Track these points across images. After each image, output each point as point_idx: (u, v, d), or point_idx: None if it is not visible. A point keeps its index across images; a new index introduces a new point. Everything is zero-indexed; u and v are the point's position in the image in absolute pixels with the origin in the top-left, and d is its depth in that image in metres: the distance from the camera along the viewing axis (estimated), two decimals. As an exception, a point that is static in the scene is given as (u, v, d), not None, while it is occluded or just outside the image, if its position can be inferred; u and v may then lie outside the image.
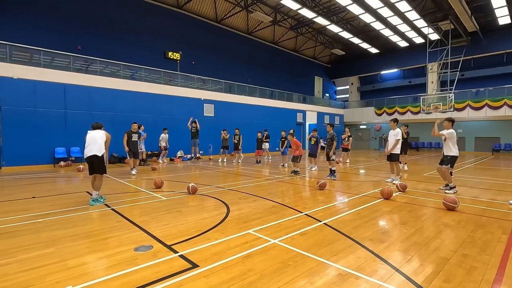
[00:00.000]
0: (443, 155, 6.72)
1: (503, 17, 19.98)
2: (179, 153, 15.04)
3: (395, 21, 20.58)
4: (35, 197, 5.95)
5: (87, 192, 6.32)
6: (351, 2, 17.70)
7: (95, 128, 5.72)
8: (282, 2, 18.18)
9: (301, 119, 23.84)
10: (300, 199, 6.02)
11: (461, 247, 3.35)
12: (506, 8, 18.45)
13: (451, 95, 21.56)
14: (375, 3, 17.77)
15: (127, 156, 9.76)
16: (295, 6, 18.65)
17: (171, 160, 14.44)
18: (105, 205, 5.29)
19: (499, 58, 23.10)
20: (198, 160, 13.81)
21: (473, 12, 19.35)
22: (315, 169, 10.63)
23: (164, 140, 13.07)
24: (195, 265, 2.82)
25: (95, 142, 5.43)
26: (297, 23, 23.91)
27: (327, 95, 33.71)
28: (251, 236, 3.68)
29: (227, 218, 4.49)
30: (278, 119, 20.94)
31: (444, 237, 3.68)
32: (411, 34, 23.25)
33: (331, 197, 6.17)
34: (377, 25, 21.56)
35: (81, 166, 10.40)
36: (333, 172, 8.74)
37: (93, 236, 3.70)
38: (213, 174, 9.98)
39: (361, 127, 29.39)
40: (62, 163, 11.40)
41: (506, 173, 10.64)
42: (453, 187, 6.62)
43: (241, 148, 13.65)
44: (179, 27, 19.62)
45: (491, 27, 22.10)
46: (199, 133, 14.10)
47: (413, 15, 19.53)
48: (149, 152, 13.74)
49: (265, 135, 14.14)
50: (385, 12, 19.03)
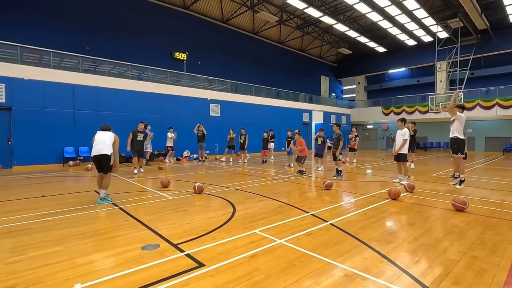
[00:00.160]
0: (450, 139, 6.70)
1: (515, 14, 19.60)
2: (186, 153, 15.13)
3: (403, 19, 20.32)
4: (45, 196, 6.06)
5: (95, 191, 6.40)
6: (358, 0, 17.54)
7: (104, 130, 5.81)
8: (288, 1, 18.13)
9: (307, 119, 23.74)
10: (306, 199, 5.99)
11: (471, 249, 3.28)
12: (517, 5, 18.09)
13: (460, 94, 21.19)
14: (382, 2, 17.57)
15: (132, 155, 9.88)
16: (301, 5, 18.57)
17: (178, 160, 14.54)
18: (113, 204, 5.35)
19: (510, 56, 22.60)
20: (204, 161, 13.89)
21: (483, 9, 18.99)
22: (321, 169, 10.58)
23: (171, 139, 13.21)
24: (201, 264, 2.84)
25: (103, 141, 5.50)
26: (303, 23, 23.81)
27: (334, 94, 33.51)
28: (257, 236, 3.68)
29: (233, 217, 4.50)
30: (284, 119, 20.89)
31: (453, 239, 3.62)
32: (419, 32, 22.93)
33: (337, 197, 6.12)
34: (385, 24, 21.31)
35: (89, 165, 10.56)
36: (339, 172, 8.68)
37: (101, 234, 3.75)
38: (219, 173, 10.01)
39: (368, 126, 29.12)
40: (71, 163, 11.59)
41: (517, 173, 10.41)
42: (463, 181, 6.52)
43: (247, 148, 13.68)
44: (185, 28, 19.75)
45: (502, 25, 21.65)
46: (205, 135, 14.10)
47: (421, 13, 19.27)
48: (156, 152, 13.86)
49: (270, 135, 14.14)
50: (393, 10, 18.80)
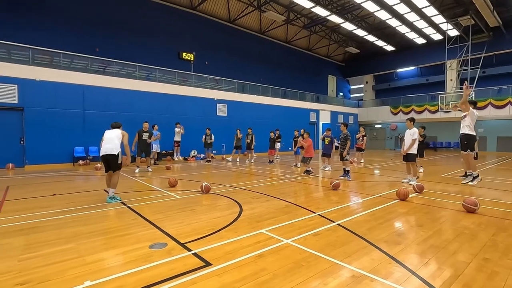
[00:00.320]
0: (460, 135, 6.58)
1: (528, 11, 19.11)
2: (193, 153, 15.23)
3: (412, 17, 20.00)
4: (56, 195, 6.19)
5: (104, 190, 6.50)
6: (366, -1, 17.38)
7: (114, 127, 5.90)
8: (295, 0, 18.06)
9: (315, 119, 23.62)
10: (313, 199, 5.97)
11: (482, 251, 3.22)
12: (531, 1, 17.64)
13: (471, 93, 20.75)
14: (390, 0, 17.35)
15: (136, 154, 10.03)
16: (308, 4, 18.47)
17: (185, 159, 14.65)
18: (122, 203, 5.43)
19: (524, 54, 22.08)
20: (210, 161, 13.97)
21: (495, 6, 18.56)
22: (328, 169, 10.51)
23: (178, 133, 13.42)
24: (208, 263, 2.85)
25: (111, 141, 5.58)
26: (311, 22, 23.69)
27: (341, 94, 33.23)
28: (264, 235, 3.68)
29: (240, 217, 4.51)
30: (291, 118, 20.82)
31: (463, 240, 3.55)
32: (429, 30, 22.53)
33: (345, 198, 6.08)
34: (393, 22, 21.02)
35: (98, 165, 10.73)
36: (347, 172, 8.61)
37: (110, 233, 3.81)
38: (226, 173, 10.05)
39: (376, 126, 28.79)
40: (81, 162, 11.80)
41: (531, 174, 10.15)
42: (477, 177, 6.37)
43: (254, 147, 13.70)
44: (193, 28, 19.87)
45: (515, 22, 21.15)
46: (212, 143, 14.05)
47: (431, 11, 18.93)
48: (164, 151, 13.99)
49: (277, 134, 14.12)
50: (402, 8, 18.53)
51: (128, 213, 4.74)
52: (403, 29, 22.46)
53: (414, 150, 7.60)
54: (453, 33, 21.86)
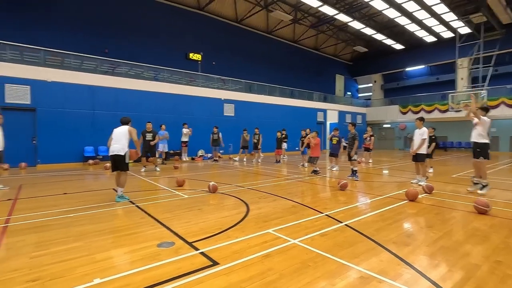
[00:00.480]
0: (472, 143, 6.39)
1: (543, 7, 18.57)
2: (200, 153, 15.31)
3: (422, 15, 19.65)
4: (66, 194, 6.30)
5: (113, 189, 6.60)
6: (374, -3, 17.18)
7: (123, 122, 5.96)
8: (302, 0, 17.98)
9: (322, 118, 23.46)
10: (320, 199, 5.93)
11: (494, 253, 3.14)
12: (546, -3, 17.15)
13: (483, 91, 20.29)
14: (399, -2, 17.15)
15: (140, 154, 10.11)
16: (316, 3, 18.33)
17: (192, 159, 14.74)
18: (130, 202, 5.50)
19: (538, 51, 21.49)
20: (218, 160, 14.02)
21: (508, 3, 18.10)
22: (335, 169, 10.43)
23: (186, 135, 13.49)
24: (215, 263, 2.86)
25: (119, 140, 5.63)
26: (318, 21, 23.53)
27: (349, 93, 32.93)
28: (271, 235, 3.67)
29: (247, 217, 4.51)
30: (298, 118, 20.72)
31: (474, 242, 3.48)
32: (439, 28, 22.09)
33: (352, 198, 6.02)
34: (402, 20, 20.71)
35: (107, 164, 10.83)
36: (354, 172, 8.53)
37: (119, 231, 3.86)
38: (233, 173, 10.07)
39: (385, 126, 28.42)
40: (90, 161, 12.00)
41: (545, 175, 9.88)
42: (486, 185, 6.22)
43: (261, 147, 13.69)
44: (200, 29, 19.98)
45: (529, 19, 20.57)
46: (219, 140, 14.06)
47: (441, 9, 18.55)
48: (171, 151, 14.10)
49: (284, 134, 14.08)
50: (411, 6, 18.24)
51: (136, 212, 4.79)
52: (413, 27, 22.11)
53: (423, 150, 7.48)
54: (464, 30, 21.40)
